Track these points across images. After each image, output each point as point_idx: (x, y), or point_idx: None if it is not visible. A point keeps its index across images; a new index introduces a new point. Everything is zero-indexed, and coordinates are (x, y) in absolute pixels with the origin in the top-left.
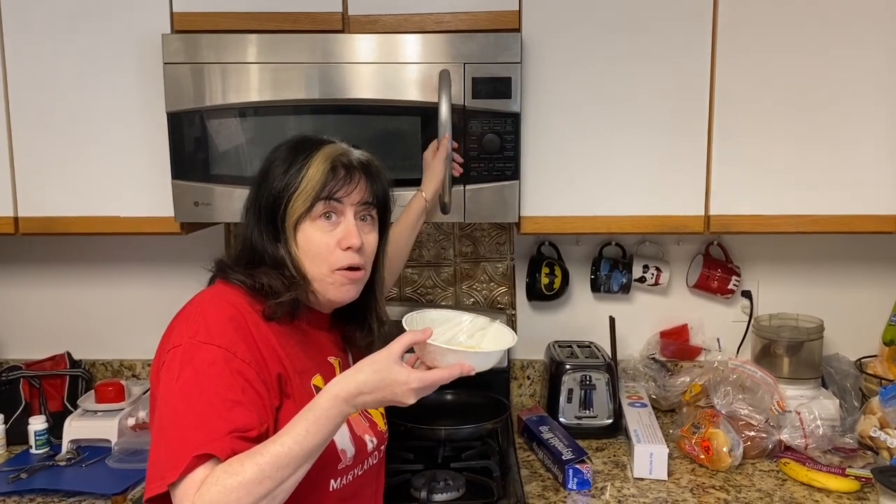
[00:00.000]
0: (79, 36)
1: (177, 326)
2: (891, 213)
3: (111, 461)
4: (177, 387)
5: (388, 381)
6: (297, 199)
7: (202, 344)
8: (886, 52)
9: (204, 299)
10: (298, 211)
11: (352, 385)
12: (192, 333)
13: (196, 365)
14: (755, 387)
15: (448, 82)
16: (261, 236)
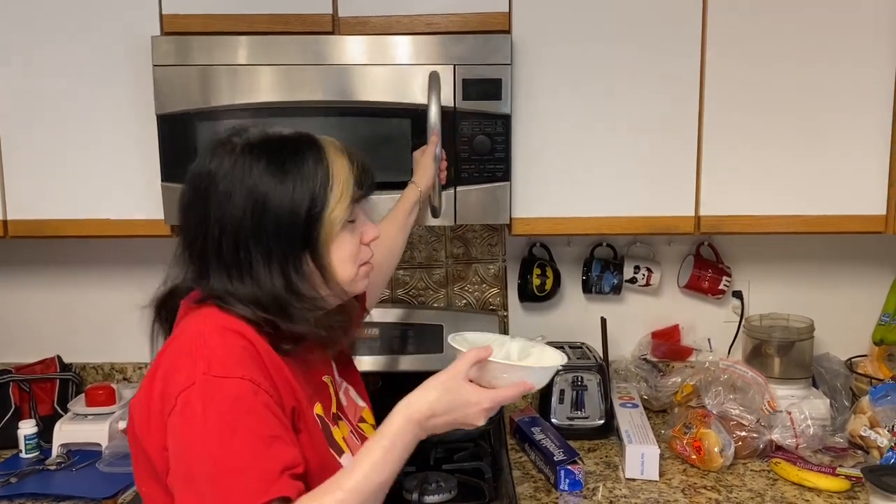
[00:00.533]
0: (68, 38)
1: (178, 364)
2: (880, 213)
3: (102, 465)
4: (203, 431)
5: (460, 402)
6: (334, 209)
7: (221, 378)
8: (874, 55)
9: (203, 329)
10: (339, 220)
11: (424, 407)
12: (205, 368)
13: (220, 403)
14: (746, 387)
15: (438, 84)
16: (279, 272)
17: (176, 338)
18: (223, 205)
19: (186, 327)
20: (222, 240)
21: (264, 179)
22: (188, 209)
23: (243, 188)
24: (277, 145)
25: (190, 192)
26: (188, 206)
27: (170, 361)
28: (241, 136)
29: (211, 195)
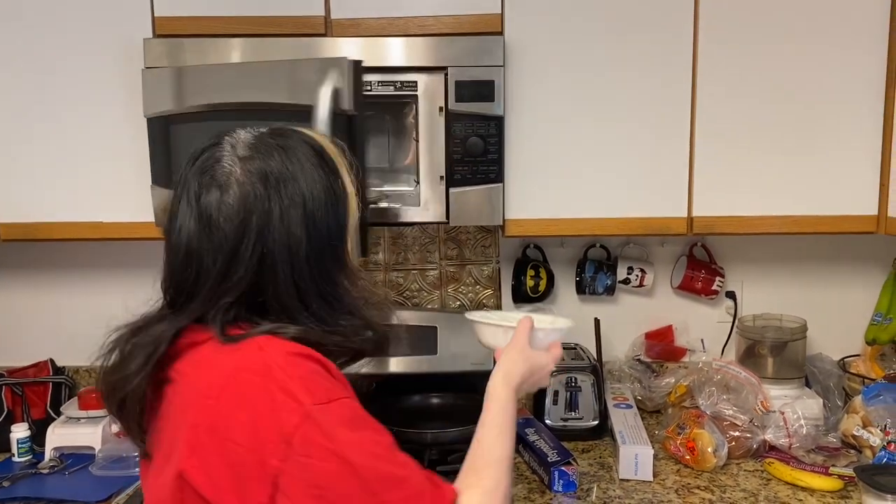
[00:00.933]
0: (60, 40)
1: (265, 410)
2: (871, 213)
3: (95, 468)
4: (342, 459)
5: (536, 368)
6: (351, 212)
7: (327, 404)
8: (868, 54)
9: (271, 365)
10: (353, 221)
11: (518, 377)
12: (308, 401)
13: (340, 427)
14: (739, 387)
15: (332, 79)
16: (332, 284)
17: (230, 378)
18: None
19: (241, 364)
20: (284, 262)
21: (308, 182)
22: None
23: (294, 200)
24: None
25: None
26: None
27: (252, 410)
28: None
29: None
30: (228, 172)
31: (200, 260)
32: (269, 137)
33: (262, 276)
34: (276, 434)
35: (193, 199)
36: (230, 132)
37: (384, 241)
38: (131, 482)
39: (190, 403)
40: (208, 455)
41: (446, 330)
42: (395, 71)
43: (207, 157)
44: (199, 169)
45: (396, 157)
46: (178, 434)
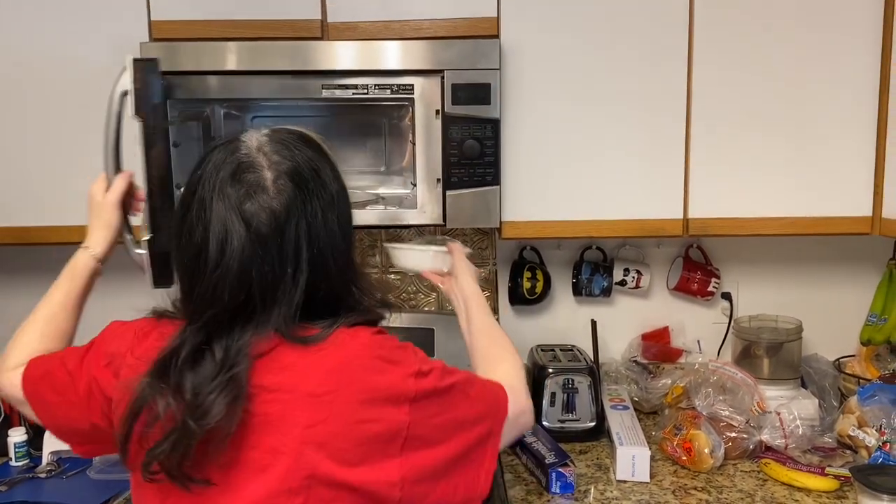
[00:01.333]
0: (56, 43)
1: (384, 384)
2: (866, 214)
3: (92, 472)
4: (452, 388)
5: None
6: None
7: (425, 359)
8: (862, 56)
9: (371, 346)
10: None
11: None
12: (414, 361)
13: (440, 371)
14: (735, 388)
15: (124, 82)
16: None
17: (342, 370)
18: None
19: (345, 355)
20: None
21: (326, 175)
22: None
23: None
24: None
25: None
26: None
27: (364, 391)
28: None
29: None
30: (262, 178)
31: (258, 270)
32: (280, 138)
33: (317, 274)
34: (402, 397)
35: (235, 205)
36: (236, 138)
37: (381, 243)
38: (129, 486)
39: (295, 407)
40: (338, 443)
41: (443, 332)
42: (391, 74)
43: (236, 163)
44: (232, 175)
45: (393, 159)
46: (285, 440)
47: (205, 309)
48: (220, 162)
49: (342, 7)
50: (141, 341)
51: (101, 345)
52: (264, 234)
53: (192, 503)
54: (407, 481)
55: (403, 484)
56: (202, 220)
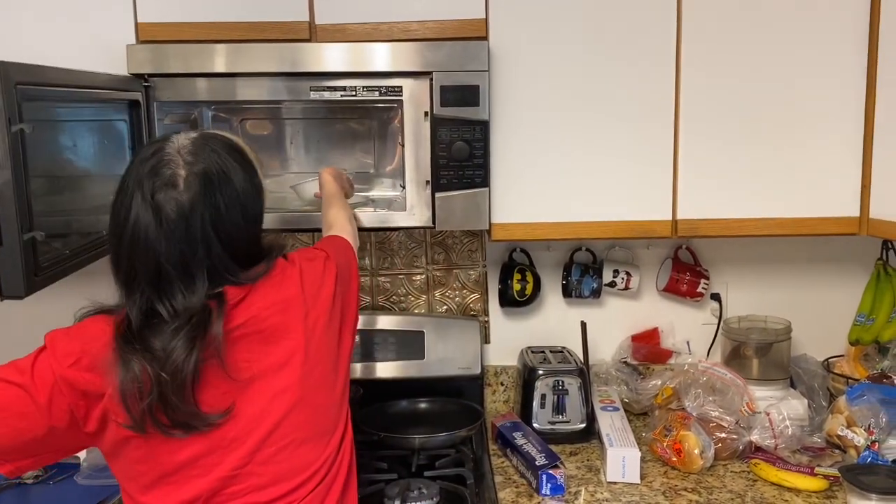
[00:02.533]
0: (42, 46)
1: (318, 259)
2: (854, 214)
3: (80, 478)
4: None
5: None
6: (264, 199)
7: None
8: (849, 57)
9: (298, 260)
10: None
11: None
12: (321, 252)
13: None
14: (725, 388)
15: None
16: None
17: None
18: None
19: (285, 268)
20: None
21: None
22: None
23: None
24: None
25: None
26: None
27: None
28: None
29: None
30: (175, 174)
31: (164, 248)
32: (203, 142)
33: (229, 247)
34: (327, 268)
35: (148, 195)
36: (168, 138)
37: (371, 245)
38: (117, 491)
39: (290, 311)
40: (323, 311)
41: (433, 335)
42: (379, 76)
43: (154, 160)
44: (148, 171)
45: (382, 162)
46: (295, 335)
47: (129, 280)
48: (145, 157)
49: (330, 9)
50: (103, 332)
51: (53, 349)
52: (171, 221)
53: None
54: (337, 295)
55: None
56: (123, 205)
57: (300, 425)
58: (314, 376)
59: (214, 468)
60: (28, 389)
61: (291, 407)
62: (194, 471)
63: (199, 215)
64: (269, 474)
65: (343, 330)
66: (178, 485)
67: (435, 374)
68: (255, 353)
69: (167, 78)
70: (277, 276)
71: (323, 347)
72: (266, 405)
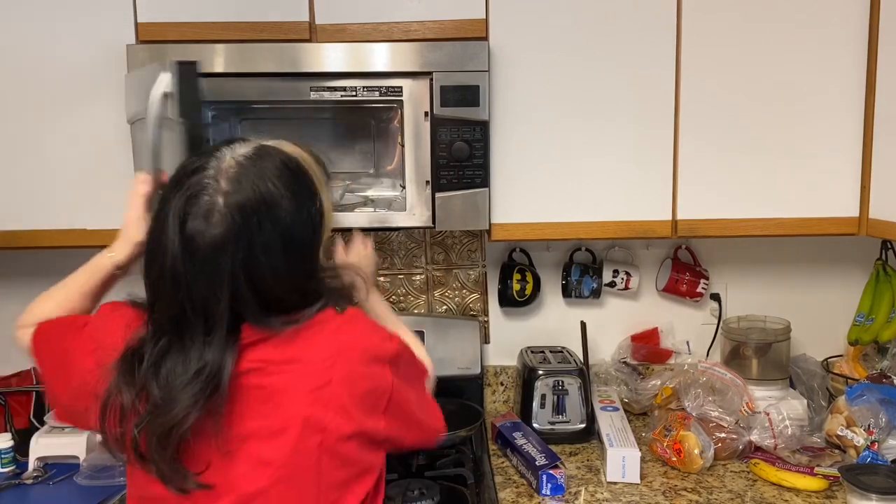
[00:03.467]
0: (42, 46)
1: (372, 347)
2: (853, 215)
3: (80, 478)
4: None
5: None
6: (326, 227)
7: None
8: (848, 58)
9: (355, 321)
10: (328, 233)
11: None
12: (388, 334)
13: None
14: (725, 388)
15: (163, 85)
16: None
17: (334, 343)
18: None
19: (338, 333)
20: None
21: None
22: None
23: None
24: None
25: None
26: None
27: (361, 355)
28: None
29: None
30: (212, 203)
31: (188, 281)
32: (252, 164)
33: (259, 292)
34: (383, 358)
35: (179, 225)
36: (217, 153)
37: None
38: (117, 491)
39: (300, 377)
40: (342, 400)
41: (433, 334)
42: (379, 76)
43: (192, 185)
44: (183, 196)
45: (382, 162)
46: (294, 405)
47: (151, 311)
48: (184, 175)
49: (330, 9)
50: (127, 335)
51: (92, 330)
52: (199, 257)
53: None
54: (391, 429)
55: (388, 431)
56: (156, 230)
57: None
58: (308, 461)
59: None
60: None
61: (272, 484)
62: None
63: (230, 254)
64: None
65: (376, 450)
66: None
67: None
68: (251, 409)
69: None
70: (314, 328)
71: (325, 447)
72: (246, 471)
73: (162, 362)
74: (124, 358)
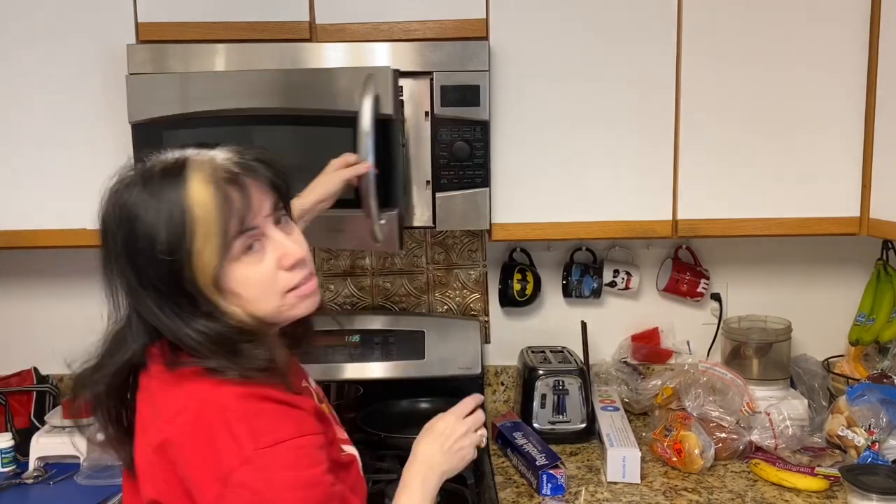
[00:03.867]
0: (41, 46)
1: (209, 449)
2: (854, 214)
3: (80, 478)
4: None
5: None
6: (201, 257)
7: (271, 448)
8: (849, 58)
9: (225, 405)
10: (212, 265)
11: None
12: (249, 445)
13: (278, 471)
14: (725, 388)
15: (373, 86)
16: (186, 315)
17: (185, 408)
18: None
19: (196, 397)
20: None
21: (140, 221)
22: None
23: (127, 232)
24: (146, 177)
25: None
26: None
27: (193, 439)
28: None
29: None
30: (109, 192)
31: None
32: (161, 175)
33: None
34: (214, 473)
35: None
36: (154, 154)
37: None
38: (117, 491)
39: (149, 423)
40: (163, 475)
41: (434, 335)
42: None
43: (119, 170)
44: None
45: None
46: (141, 452)
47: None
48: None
49: (331, 9)
50: None
51: None
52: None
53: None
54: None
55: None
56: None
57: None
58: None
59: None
60: None
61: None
62: None
63: (111, 245)
64: None
65: None
66: None
67: (435, 374)
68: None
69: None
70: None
71: None
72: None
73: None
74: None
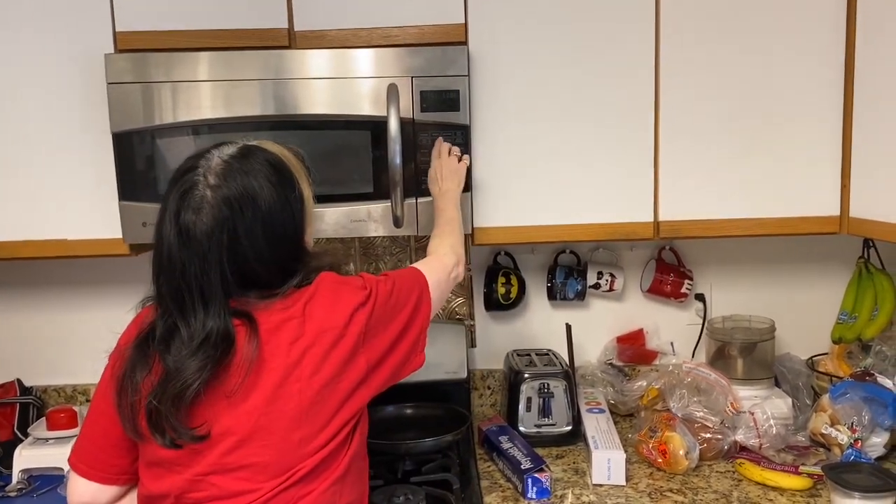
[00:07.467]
0: (19, 55)
1: (349, 287)
2: (835, 213)
3: (64, 490)
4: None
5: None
6: (307, 214)
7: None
8: (828, 58)
9: (318, 282)
10: (310, 218)
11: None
12: (357, 283)
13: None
14: (710, 389)
15: (396, 96)
16: None
17: (329, 284)
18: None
19: (330, 279)
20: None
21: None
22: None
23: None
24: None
25: None
26: None
27: (342, 288)
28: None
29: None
30: (201, 197)
31: (184, 266)
32: (236, 162)
33: (245, 270)
34: (355, 307)
35: (174, 218)
36: (207, 154)
37: (355, 251)
38: None
39: (319, 328)
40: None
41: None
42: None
43: (184, 182)
44: (178, 193)
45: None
46: (275, 360)
47: (159, 296)
48: (178, 175)
49: (309, 16)
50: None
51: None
52: (191, 244)
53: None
54: (370, 362)
55: (368, 365)
56: (159, 223)
57: (256, 452)
58: (281, 411)
59: (184, 471)
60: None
61: (251, 432)
62: (168, 469)
63: (217, 241)
64: (225, 488)
65: (357, 390)
66: (157, 477)
67: (421, 378)
68: (241, 367)
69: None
70: (293, 298)
71: (304, 392)
72: (232, 423)
73: (171, 337)
74: (138, 342)
